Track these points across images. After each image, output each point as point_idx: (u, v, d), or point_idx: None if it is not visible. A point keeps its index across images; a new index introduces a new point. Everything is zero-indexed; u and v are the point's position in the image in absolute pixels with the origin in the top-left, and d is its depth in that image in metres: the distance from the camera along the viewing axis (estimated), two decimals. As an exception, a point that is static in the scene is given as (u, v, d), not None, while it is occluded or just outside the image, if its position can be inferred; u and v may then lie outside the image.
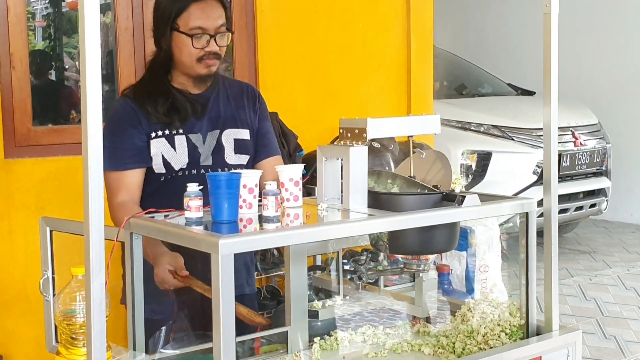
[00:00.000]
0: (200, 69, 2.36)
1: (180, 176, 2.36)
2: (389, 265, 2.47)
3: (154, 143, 2.34)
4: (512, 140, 6.17)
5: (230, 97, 2.49)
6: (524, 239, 2.03)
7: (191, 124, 2.40)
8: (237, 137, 2.46)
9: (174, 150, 2.36)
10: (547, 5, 1.99)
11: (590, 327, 4.56)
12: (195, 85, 2.43)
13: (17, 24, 3.37)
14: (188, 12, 2.32)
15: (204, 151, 2.39)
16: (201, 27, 2.32)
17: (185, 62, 2.36)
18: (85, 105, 1.38)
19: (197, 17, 2.32)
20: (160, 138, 2.35)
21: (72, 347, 1.65)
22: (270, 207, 1.78)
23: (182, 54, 2.35)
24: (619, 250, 6.72)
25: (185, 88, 2.42)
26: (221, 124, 2.44)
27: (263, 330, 2.17)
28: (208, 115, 2.43)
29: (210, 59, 2.35)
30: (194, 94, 2.42)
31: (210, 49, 2.34)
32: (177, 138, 2.36)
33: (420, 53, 4.66)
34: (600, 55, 8.11)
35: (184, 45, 2.34)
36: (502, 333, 2.03)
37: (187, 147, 2.37)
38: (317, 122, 4.13)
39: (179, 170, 2.37)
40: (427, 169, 2.11)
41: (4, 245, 3.33)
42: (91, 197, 1.38)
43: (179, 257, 2.17)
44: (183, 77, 2.41)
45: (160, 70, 2.41)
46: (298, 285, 2.14)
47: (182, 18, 2.33)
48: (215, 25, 2.34)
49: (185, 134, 2.37)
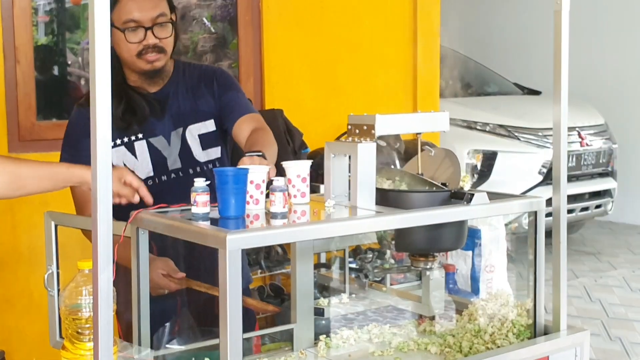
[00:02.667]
0: (141, 65, 2.22)
1: (150, 185, 2.22)
2: (395, 263, 2.46)
3: (114, 153, 2.18)
4: (518, 139, 6.16)
5: (189, 89, 2.33)
6: (532, 238, 2.01)
7: (151, 125, 2.27)
8: (202, 132, 2.33)
9: (135, 158, 2.24)
10: (558, 2, 1.98)
11: (596, 329, 4.55)
12: (149, 83, 2.29)
13: (22, 18, 3.36)
14: (119, 5, 2.18)
15: (170, 154, 2.27)
16: (134, 20, 2.18)
17: (126, 58, 2.22)
18: (95, 99, 1.37)
19: (130, 9, 2.17)
20: (119, 147, 2.23)
21: (77, 342, 1.64)
22: (277, 203, 1.76)
23: (121, 51, 2.22)
24: (624, 252, 6.70)
25: (141, 86, 2.29)
26: (183, 121, 2.30)
27: (271, 320, 2.16)
28: (169, 113, 2.29)
29: (152, 54, 2.20)
30: (152, 93, 2.29)
31: (148, 42, 2.19)
32: (137, 145, 2.25)
33: (426, 51, 4.65)
34: (607, 56, 8.09)
35: (120, 40, 2.20)
36: (510, 333, 2.02)
37: (149, 154, 2.25)
38: (323, 120, 4.12)
39: (147, 179, 2.24)
40: (436, 166, 2.10)
41: (7, 240, 3.33)
42: (99, 191, 1.37)
43: (169, 261, 2.13)
44: (133, 74, 2.28)
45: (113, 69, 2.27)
46: (304, 283, 2.13)
47: (115, 12, 2.17)
48: (151, 17, 2.19)
49: (145, 139, 2.26)
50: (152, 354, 1.90)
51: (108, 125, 1.37)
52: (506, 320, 2.05)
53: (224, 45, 4.25)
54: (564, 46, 2.00)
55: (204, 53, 4.21)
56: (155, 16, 2.20)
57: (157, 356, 1.95)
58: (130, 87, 2.27)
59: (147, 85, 2.29)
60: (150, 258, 2.09)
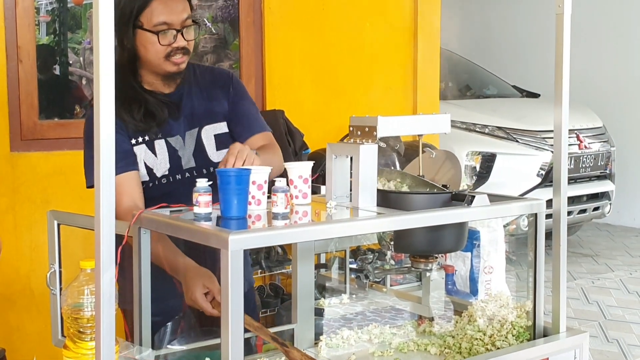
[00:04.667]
0: (168, 67, 2.25)
1: (165, 183, 2.27)
2: (395, 264, 2.47)
3: (136, 150, 2.25)
4: (517, 142, 6.17)
5: (203, 90, 2.37)
6: (532, 240, 2.02)
7: (169, 126, 2.30)
8: (217, 133, 2.35)
9: (155, 156, 2.27)
10: (560, 5, 1.99)
11: (593, 331, 4.56)
12: (165, 84, 2.31)
13: (24, 17, 3.37)
14: (150, 7, 2.20)
15: (184, 153, 2.30)
16: (166, 22, 2.20)
17: (152, 60, 2.24)
18: (98, 98, 1.37)
19: (161, 12, 2.20)
20: (141, 145, 2.26)
21: (79, 341, 1.64)
22: (279, 204, 1.77)
23: (148, 53, 2.23)
24: (621, 254, 6.72)
25: (156, 88, 2.31)
26: (198, 121, 2.33)
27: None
28: (183, 114, 2.32)
29: (179, 55, 2.24)
30: (167, 94, 2.32)
31: (177, 45, 2.22)
32: (157, 143, 2.27)
33: (427, 53, 4.66)
34: (605, 59, 8.10)
35: (149, 43, 2.22)
36: (509, 334, 2.03)
37: (167, 152, 2.28)
38: (324, 121, 4.13)
39: (162, 177, 2.27)
40: (437, 168, 2.11)
41: (9, 239, 3.33)
42: (102, 190, 1.38)
43: (213, 278, 2.06)
44: (151, 76, 2.30)
45: (127, 72, 2.27)
46: (305, 283, 2.13)
47: (144, 14, 2.20)
48: (181, 19, 2.22)
49: (164, 138, 2.28)
50: (154, 353, 1.90)
51: (111, 126, 1.38)
52: (506, 321, 2.05)
53: (225, 46, 4.26)
54: (566, 49, 2.00)
55: (205, 54, 4.22)
56: (184, 19, 2.24)
57: (158, 356, 1.96)
58: (146, 91, 2.30)
59: (162, 86, 2.32)
60: (190, 265, 2.08)
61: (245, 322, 1.78)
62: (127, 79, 2.26)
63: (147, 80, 2.31)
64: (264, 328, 1.93)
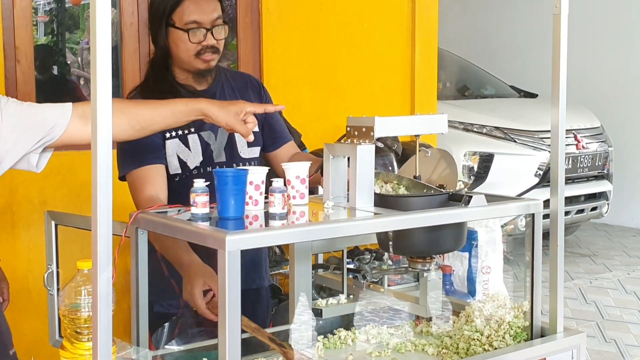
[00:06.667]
0: (198, 64, 2.34)
1: (196, 174, 2.33)
2: (393, 264, 2.47)
3: (169, 144, 2.32)
4: (515, 142, 6.18)
5: (235, 90, 2.48)
6: (529, 240, 2.02)
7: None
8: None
9: (189, 149, 2.34)
10: (557, 6, 1.99)
11: (591, 331, 4.56)
12: (197, 81, 2.40)
13: (22, 18, 3.36)
14: (182, 6, 2.31)
15: (216, 147, 2.38)
16: (196, 21, 2.30)
17: (183, 57, 2.34)
18: (95, 99, 1.37)
19: (192, 11, 2.30)
20: (174, 139, 2.33)
21: (76, 342, 1.64)
22: (277, 204, 1.77)
23: (179, 50, 2.33)
24: (619, 254, 6.73)
25: (190, 85, 2.40)
26: None
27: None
28: None
29: (208, 54, 2.33)
30: (200, 91, 2.40)
31: (207, 43, 2.32)
32: (190, 137, 2.35)
33: (424, 54, 4.66)
34: (603, 59, 8.11)
35: (180, 40, 2.32)
36: (507, 334, 2.03)
37: (200, 146, 2.36)
38: (321, 121, 4.13)
39: (194, 169, 2.35)
40: (433, 168, 2.10)
41: (7, 239, 3.33)
42: (99, 191, 1.38)
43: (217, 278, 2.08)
44: (183, 73, 2.39)
45: (162, 68, 2.38)
46: (302, 283, 2.13)
47: (176, 13, 2.31)
48: (211, 19, 2.33)
49: (197, 132, 2.36)
50: (150, 354, 1.90)
51: (109, 125, 1.38)
52: (503, 322, 2.05)
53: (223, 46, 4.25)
54: (563, 49, 2.01)
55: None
56: (214, 18, 2.34)
57: (155, 356, 1.96)
58: (181, 85, 2.38)
59: (195, 83, 2.40)
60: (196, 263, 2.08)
61: (243, 323, 1.79)
62: (162, 74, 2.37)
63: (179, 77, 2.40)
64: (262, 329, 1.93)
